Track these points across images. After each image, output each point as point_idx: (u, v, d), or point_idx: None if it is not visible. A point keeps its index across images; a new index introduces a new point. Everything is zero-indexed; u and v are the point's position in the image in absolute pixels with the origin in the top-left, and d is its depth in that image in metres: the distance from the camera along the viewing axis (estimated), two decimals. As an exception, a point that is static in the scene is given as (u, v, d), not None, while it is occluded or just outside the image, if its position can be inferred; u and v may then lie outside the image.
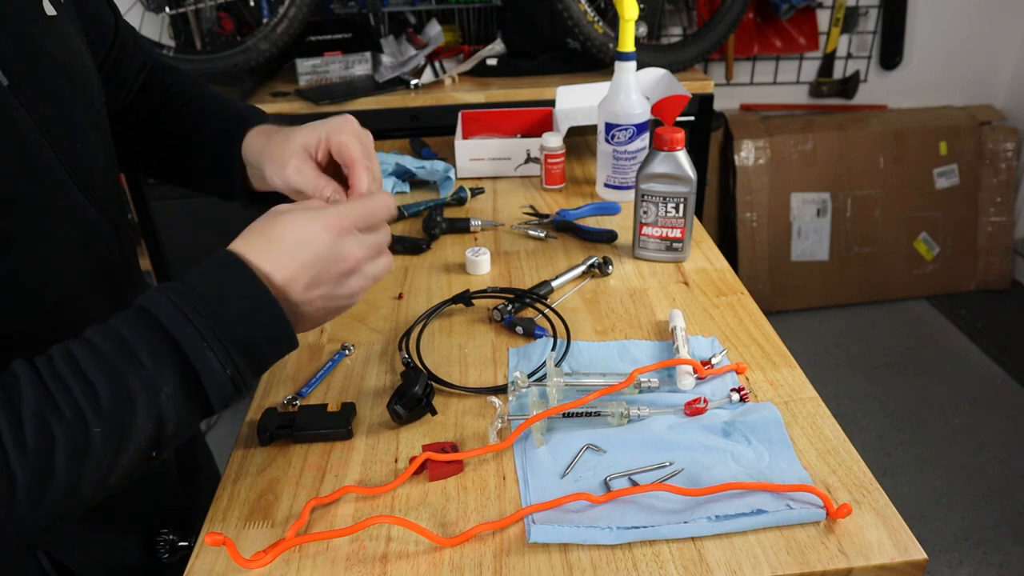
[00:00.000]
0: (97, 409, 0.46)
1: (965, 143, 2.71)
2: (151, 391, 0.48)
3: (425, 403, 0.77)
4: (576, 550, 0.62)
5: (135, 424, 0.47)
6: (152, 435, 0.49)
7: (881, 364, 2.48)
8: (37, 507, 0.45)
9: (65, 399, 0.46)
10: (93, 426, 0.46)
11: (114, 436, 0.47)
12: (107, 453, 0.47)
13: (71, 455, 0.45)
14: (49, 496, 0.45)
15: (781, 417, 0.75)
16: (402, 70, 1.97)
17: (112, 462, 0.47)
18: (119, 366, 0.47)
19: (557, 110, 1.45)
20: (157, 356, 0.49)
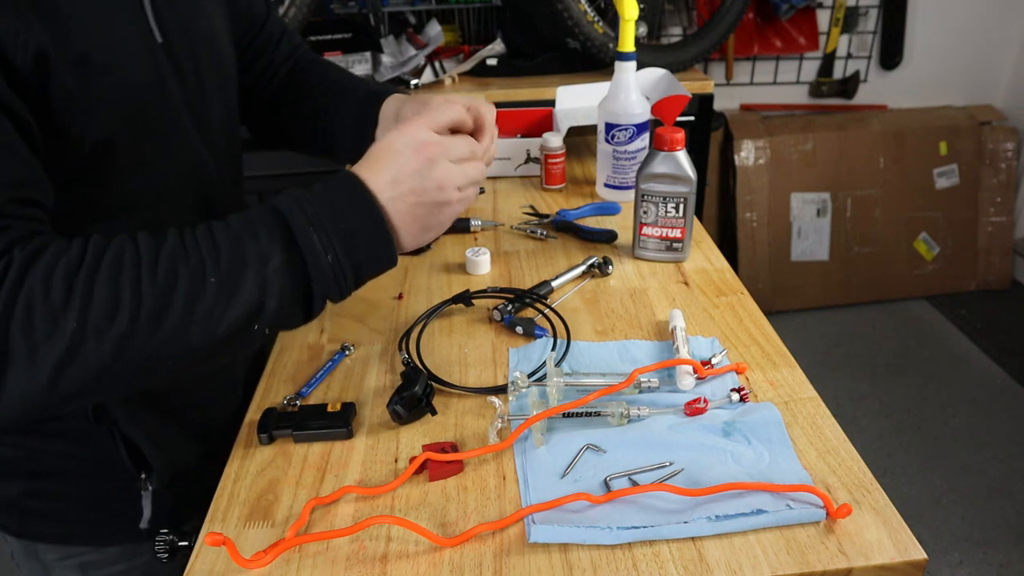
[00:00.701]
0: (216, 262, 0.55)
1: (965, 143, 2.71)
2: (262, 260, 0.56)
3: (425, 403, 0.77)
4: (576, 550, 0.62)
5: (244, 286, 0.55)
6: (257, 303, 0.56)
7: (881, 364, 2.48)
8: (151, 335, 0.52)
9: (193, 250, 0.55)
10: (210, 275, 0.54)
11: (226, 290, 0.54)
12: (218, 304, 0.54)
13: (188, 296, 0.53)
14: (165, 326, 0.52)
15: (781, 417, 0.75)
16: (402, 70, 1.97)
17: (220, 316, 0.54)
18: (240, 235, 0.57)
19: (557, 110, 1.45)
20: (271, 232, 0.57)
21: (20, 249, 0.51)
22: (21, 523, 0.76)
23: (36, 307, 0.50)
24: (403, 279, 1.05)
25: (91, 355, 0.51)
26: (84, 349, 0.50)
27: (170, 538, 0.75)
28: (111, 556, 0.80)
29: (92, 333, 0.50)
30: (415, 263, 1.10)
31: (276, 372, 0.87)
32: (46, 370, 0.50)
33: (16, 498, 0.75)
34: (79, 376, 0.51)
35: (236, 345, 0.57)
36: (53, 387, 0.51)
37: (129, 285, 0.52)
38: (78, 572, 0.80)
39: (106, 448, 0.74)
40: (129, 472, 0.75)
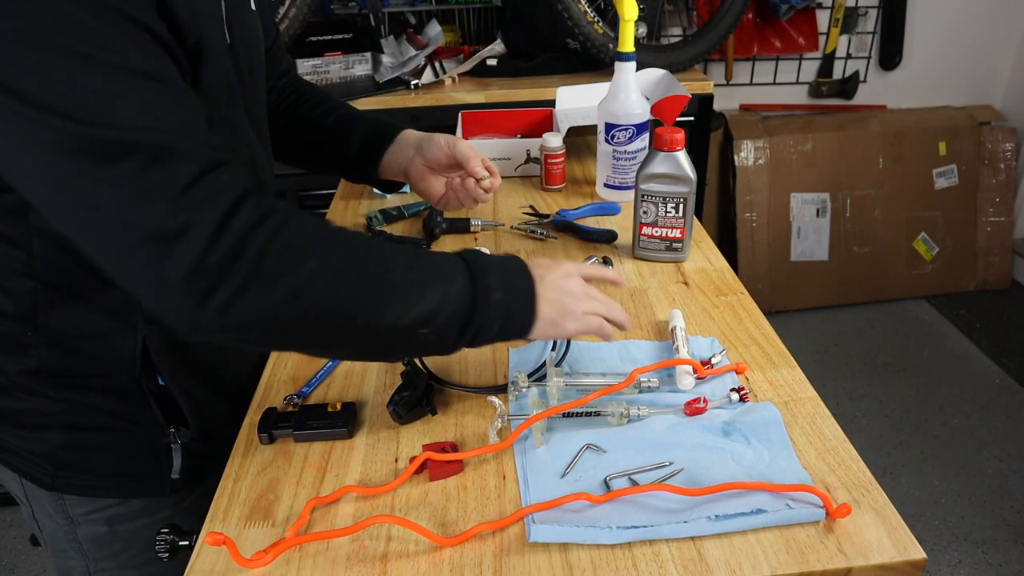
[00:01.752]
0: (419, 264, 0.66)
1: (964, 143, 2.71)
2: (449, 277, 0.66)
3: (425, 403, 0.77)
4: (576, 550, 0.62)
5: (431, 289, 0.64)
6: (435, 308, 0.64)
7: (880, 364, 2.49)
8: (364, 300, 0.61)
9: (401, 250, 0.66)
10: (416, 269, 0.65)
11: (421, 286, 0.64)
12: (412, 295, 0.63)
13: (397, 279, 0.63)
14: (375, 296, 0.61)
15: (780, 417, 0.75)
16: (402, 70, 1.97)
17: (411, 306, 0.63)
18: (433, 255, 0.68)
19: (557, 110, 1.45)
20: (455, 263, 0.67)
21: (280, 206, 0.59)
22: (55, 475, 0.79)
23: (292, 246, 0.58)
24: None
25: (314, 299, 0.59)
26: (312, 291, 0.58)
27: (171, 538, 0.75)
28: (136, 510, 0.84)
29: (323, 280, 0.59)
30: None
31: (276, 372, 0.87)
32: (279, 298, 0.57)
33: (52, 450, 0.78)
34: (297, 314, 0.58)
35: (402, 340, 0.65)
36: (275, 316, 0.58)
37: (358, 257, 0.61)
38: (104, 525, 0.83)
39: (140, 404, 0.78)
40: (159, 427, 0.79)
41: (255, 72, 0.81)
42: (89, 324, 0.72)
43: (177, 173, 0.54)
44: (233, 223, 0.55)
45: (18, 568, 1.87)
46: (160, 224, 0.53)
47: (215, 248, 0.54)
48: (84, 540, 0.84)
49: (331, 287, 0.59)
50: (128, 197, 0.53)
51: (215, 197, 0.55)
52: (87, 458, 0.79)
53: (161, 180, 0.54)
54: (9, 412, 0.77)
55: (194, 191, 0.55)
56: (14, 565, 1.88)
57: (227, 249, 0.55)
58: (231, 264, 0.55)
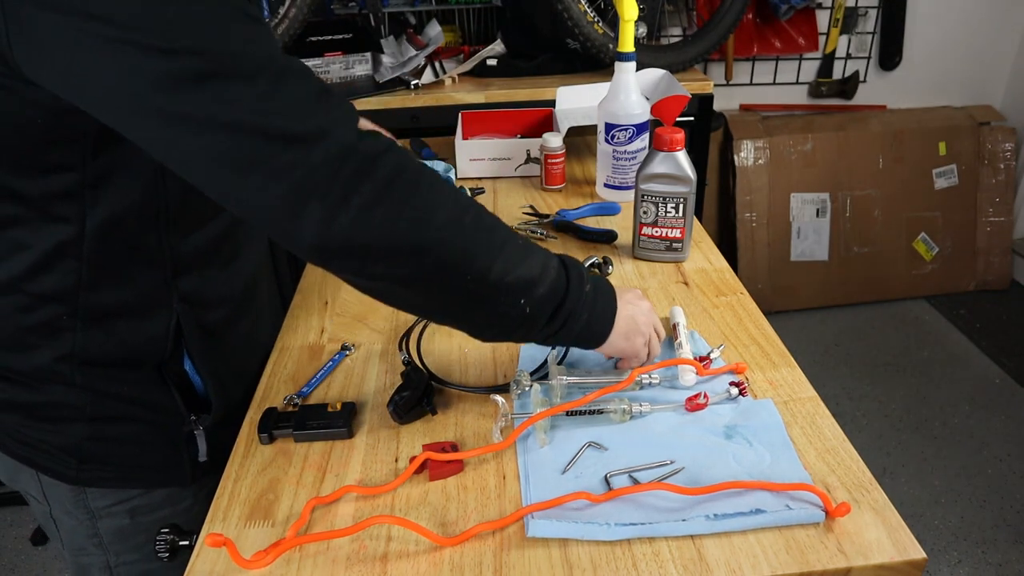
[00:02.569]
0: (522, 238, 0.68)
1: (964, 143, 2.71)
2: (547, 258, 0.69)
3: (425, 403, 0.77)
4: (576, 549, 0.62)
5: (532, 259, 0.67)
6: (535, 277, 0.67)
7: (880, 364, 2.49)
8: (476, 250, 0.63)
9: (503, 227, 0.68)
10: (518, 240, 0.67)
11: (523, 252, 0.67)
12: (515, 257, 0.65)
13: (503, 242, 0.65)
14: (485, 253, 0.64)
15: (780, 417, 0.75)
16: (402, 70, 1.97)
17: (514, 266, 0.65)
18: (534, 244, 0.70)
19: (557, 110, 1.45)
20: (551, 257, 0.70)
21: None
22: (79, 468, 0.80)
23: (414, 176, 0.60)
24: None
25: (436, 231, 0.60)
26: (434, 223, 0.60)
27: (171, 538, 0.75)
28: (158, 501, 0.84)
29: (445, 217, 0.61)
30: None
31: (276, 372, 0.87)
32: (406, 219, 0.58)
33: (77, 443, 0.79)
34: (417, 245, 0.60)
35: (502, 302, 0.66)
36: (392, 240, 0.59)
37: (476, 210, 0.64)
38: (127, 517, 0.84)
39: (161, 393, 0.79)
40: (179, 415, 0.80)
41: None
42: (127, 304, 0.73)
43: (306, 85, 0.57)
44: (365, 139, 0.57)
45: (18, 568, 1.87)
46: (300, 127, 0.55)
47: (353, 154, 0.56)
48: (105, 534, 0.84)
49: (452, 220, 0.61)
50: (265, 110, 0.54)
51: (344, 107, 0.58)
52: (111, 450, 0.80)
53: (292, 92, 0.55)
54: (32, 406, 0.77)
55: (326, 98, 0.57)
56: (14, 565, 1.88)
57: (362, 159, 0.56)
58: (366, 175, 0.56)
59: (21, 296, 0.71)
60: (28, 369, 0.75)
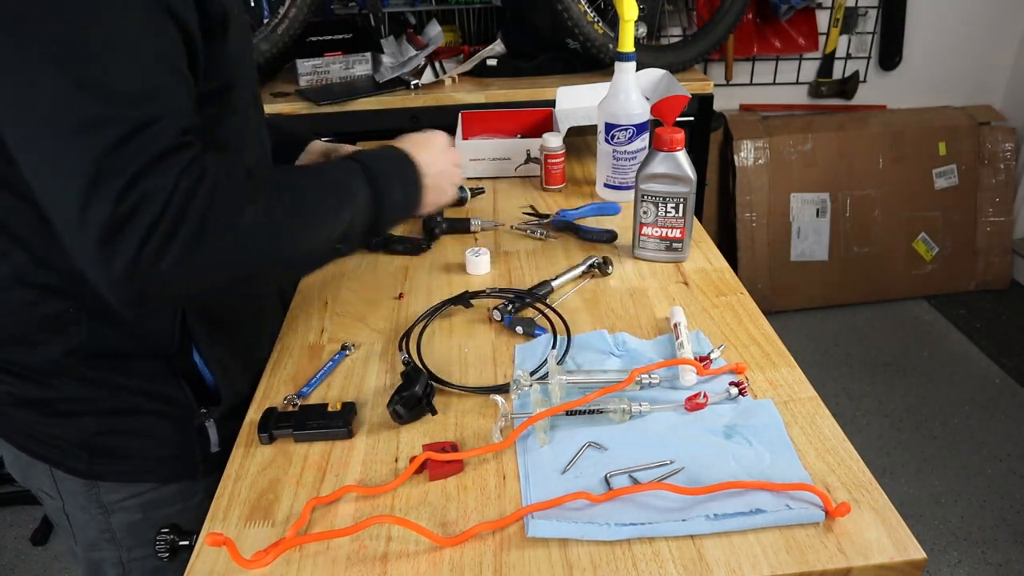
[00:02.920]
0: (334, 190, 0.72)
1: (964, 143, 2.71)
2: (353, 194, 0.74)
3: (425, 403, 0.77)
4: (576, 549, 0.62)
5: (343, 211, 0.72)
6: (349, 223, 0.72)
7: (880, 364, 2.49)
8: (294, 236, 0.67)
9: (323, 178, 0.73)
10: (329, 199, 0.71)
11: (336, 210, 0.71)
12: (330, 218, 0.70)
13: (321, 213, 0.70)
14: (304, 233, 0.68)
15: (780, 417, 0.75)
16: (402, 70, 1.97)
17: (331, 228, 0.70)
18: (341, 175, 0.75)
19: (557, 110, 1.45)
20: (357, 176, 0.75)
21: (211, 159, 0.62)
22: (91, 463, 0.80)
23: (230, 200, 0.61)
24: (403, 279, 1.06)
25: (258, 242, 0.64)
26: (255, 236, 0.63)
27: (171, 538, 0.75)
28: (169, 495, 0.85)
29: (263, 224, 0.64)
30: (415, 263, 1.10)
31: (276, 372, 0.87)
32: (225, 248, 0.61)
33: (88, 437, 0.79)
34: (243, 260, 0.63)
35: (323, 258, 0.75)
36: (222, 265, 0.62)
37: (288, 195, 0.67)
38: (139, 512, 0.85)
39: (171, 385, 0.81)
40: (189, 408, 0.82)
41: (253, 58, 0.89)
42: None
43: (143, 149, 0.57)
44: (176, 197, 0.58)
45: (18, 568, 1.87)
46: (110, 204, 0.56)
47: (164, 215, 0.57)
48: (118, 529, 0.85)
49: (271, 230, 0.64)
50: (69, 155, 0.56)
51: (163, 176, 0.58)
52: (122, 444, 0.81)
53: (126, 156, 0.56)
54: (43, 401, 0.78)
55: (150, 171, 0.57)
56: (14, 565, 1.88)
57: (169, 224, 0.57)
58: (175, 232, 0.58)
59: (27, 291, 0.72)
60: (38, 364, 0.76)
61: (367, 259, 1.11)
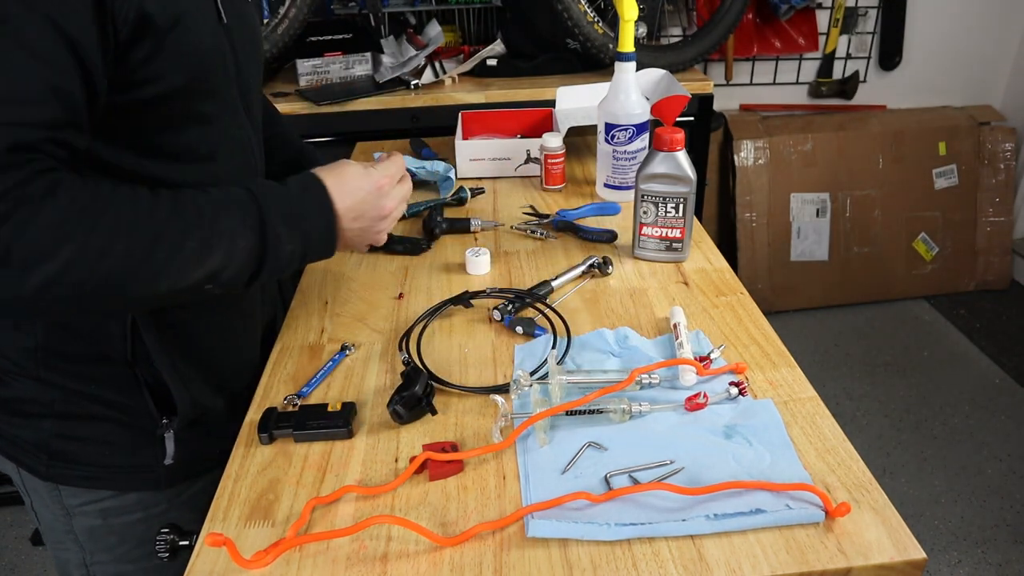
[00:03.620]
0: (199, 228, 0.65)
1: (964, 143, 2.71)
2: (233, 236, 0.67)
3: (425, 403, 0.77)
4: (576, 549, 0.62)
5: (214, 255, 0.65)
6: (218, 268, 0.66)
7: (880, 364, 2.49)
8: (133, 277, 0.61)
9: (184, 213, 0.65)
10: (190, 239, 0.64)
11: (201, 253, 0.65)
12: (191, 262, 0.64)
13: (172, 250, 0.63)
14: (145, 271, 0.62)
15: (780, 417, 0.75)
16: (402, 70, 1.97)
17: (189, 272, 0.64)
18: (222, 211, 0.67)
19: (557, 110, 1.45)
20: (247, 217, 0.68)
21: (41, 176, 0.57)
22: (50, 464, 0.80)
23: (47, 229, 0.57)
24: (403, 279, 1.06)
25: (76, 283, 0.59)
26: (71, 276, 0.58)
27: (171, 537, 0.75)
28: (130, 504, 0.84)
29: (83, 265, 0.58)
30: (415, 263, 1.10)
31: (276, 372, 0.87)
32: (36, 282, 0.57)
33: (46, 439, 0.79)
34: (60, 295, 0.58)
35: (187, 296, 0.67)
36: (33, 301, 0.58)
37: (123, 235, 0.61)
38: (99, 518, 0.84)
39: (132, 393, 0.79)
40: (152, 419, 0.80)
41: (250, 58, 0.82)
42: None
43: None
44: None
45: (18, 568, 1.87)
46: None
47: None
48: (80, 532, 0.85)
49: (93, 271, 0.59)
50: None
51: None
52: (80, 449, 0.80)
53: None
54: (3, 399, 0.77)
55: None
56: (14, 565, 1.88)
57: None
58: None
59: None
60: None
61: (367, 259, 1.11)
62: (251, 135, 0.84)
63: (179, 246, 0.63)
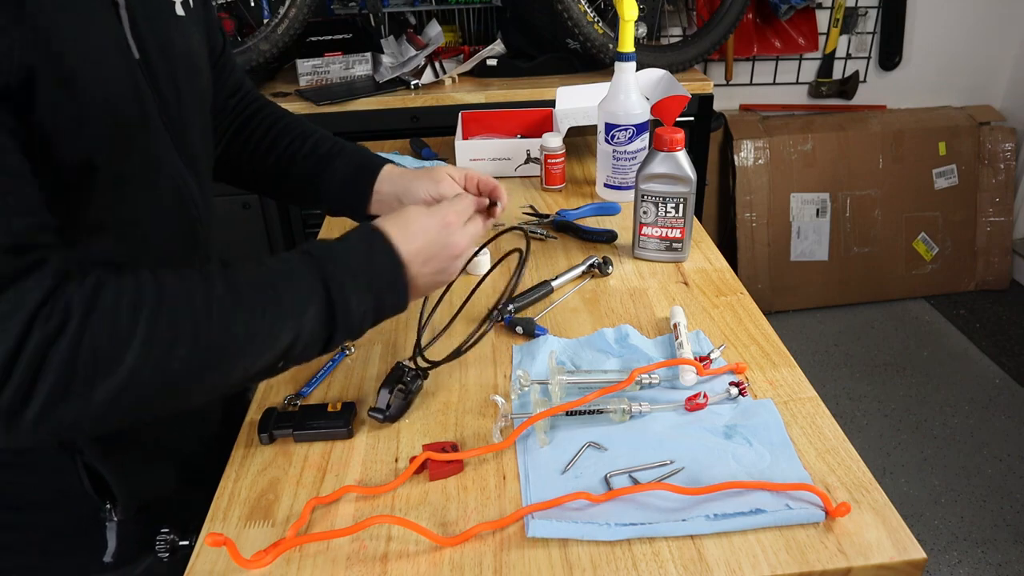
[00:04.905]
0: (264, 310, 0.59)
1: (964, 143, 2.71)
2: (300, 310, 0.60)
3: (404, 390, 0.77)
4: (576, 549, 0.62)
5: (283, 333, 0.60)
6: (289, 346, 0.60)
7: (880, 364, 2.49)
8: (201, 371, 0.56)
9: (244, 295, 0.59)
10: (257, 320, 0.58)
11: (269, 335, 0.59)
12: (261, 346, 0.59)
13: (240, 340, 0.58)
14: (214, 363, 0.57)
15: (780, 417, 0.75)
16: (402, 70, 1.97)
17: (259, 356, 0.59)
18: (283, 283, 0.61)
19: (557, 110, 1.45)
20: (311, 284, 0.62)
21: (79, 286, 0.52)
22: None
23: (101, 347, 0.51)
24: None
25: (145, 386, 0.54)
26: (140, 381, 0.53)
27: (171, 537, 0.75)
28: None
29: (150, 368, 0.53)
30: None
31: (276, 372, 0.87)
32: (101, 399, 0.52)
33: None
34: (130, 404, 0.54)
35: (261, 379, 0.62)
36: (103, 416, 0.53)
37: (186, 331, 0.55)
38: None
39: (71, 479, 0.72)
40: (94, 503, 0.74)
41: (182, 87, 0.71)
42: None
43: None
44: (27, 348, 0.49)
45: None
46: None
47: (11, 379, 0.49)
48: None
49: (160, 372, 0.54)
50: None
51: (5, 321, 0.49)
52: (18, 537, 0.74)
53: None
54: None
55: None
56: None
57: (25, 376, 0.49)
58: (33, 389, 0.50)
59: None
60: None
61: (367, 259, 1.11)
62: (189, 182, 0.73)
63: (247, 326, 0.58)
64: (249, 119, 0.93)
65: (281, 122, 0.93)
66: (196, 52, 0.75)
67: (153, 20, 0.67)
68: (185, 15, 0.73)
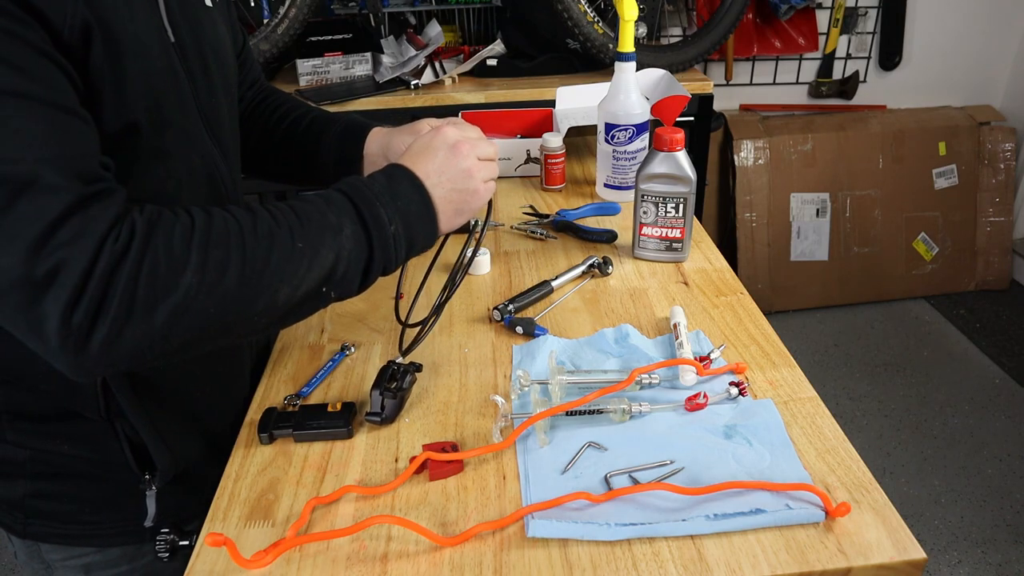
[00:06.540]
0: (302, 231, 0.63)
1: (964, 143, 2.71)
2: (336, 229, 0.64)
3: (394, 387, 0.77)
4: (576, 549, 0.62)
5: (322, 251, 0.63)
6: (331, 267, 0.64)
7: (880, 364, 2.49)
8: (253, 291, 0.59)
9: (282, 220, 0.63)
10: (298, 241, 0.62)
11: (309, 253, 0.62)
12: (302, 266, 0.62)
13: (282, 258, 0.61)
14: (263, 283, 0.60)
15: (780, 417, 0.75)
16: (402, 70, 1.97)
17: (304, 277, 0.62)
18: (317, 208, 0.65)
19: (557, 110, 1.45)
20: (342, 207, 0.66)
21: (139, 212, 0.56)
22: (26, 523, 0.77)
23: (160, 266, 0.55)
24: (403, 279, 1.05)
25: (202, 307, 0.57)
26: (197, 302, 0.56)
27: (171, 537, 0.75)
28: (114, 557, 0.81)
29: (205, 288, 0.57)
30: (415, 263, 1.10)
31: (276, 372, 0.87)
32: (162, 320, 0.55)
33: (21, 499, 0.76)
34: (188, 326, 0.57)
35: (307, 308, 0.65)
36: (165, 338, 0.56)
37: (236, 248, 0.59)
38: (81, 573, 0.81)
39: (111, 448, 0.75)
40: (133, 472, 0.76)
41: (212, 73, 0.76)
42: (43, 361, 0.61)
43: (41, 211, 0.51)
44: (99, 265, 0.52)
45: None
46: (26, 271, 0.51)
47: (84, 296, 0.52)
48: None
49: (215, 292, 0.57)
50: None
51: (80, 239, 0.52)
52: (58, 507, 0.77)
53: (24, 220, 0.51)
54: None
55: (60, 232, 0.51)
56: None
57: (96, 293, 0.52)
58: (102, 306, 0.53)
59: None
60: None
61: (367, 259, 1.11)
62: (219, 163, 0.78)
63: (291, 248, 0.61)
64: (260, 103, 0.98)
65: (285, 104, 0.98)
66: (223, 43, 0.80)
67: (186, 8, 0.72)
68: (213, 7, 0.78)
